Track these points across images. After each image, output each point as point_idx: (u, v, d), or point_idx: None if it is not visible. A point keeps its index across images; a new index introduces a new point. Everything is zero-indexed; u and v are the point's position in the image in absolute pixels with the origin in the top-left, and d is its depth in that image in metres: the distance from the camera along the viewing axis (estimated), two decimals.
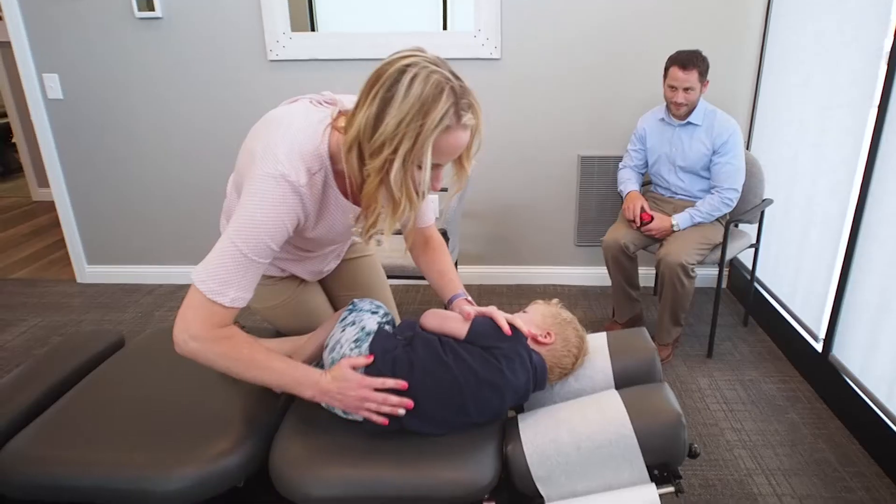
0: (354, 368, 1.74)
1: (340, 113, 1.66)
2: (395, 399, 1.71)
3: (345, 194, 1.74)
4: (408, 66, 1.45)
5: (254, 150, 1.60)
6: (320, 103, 1.73)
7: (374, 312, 1.93)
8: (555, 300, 2.01)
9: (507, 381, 1.76)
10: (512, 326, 1.85)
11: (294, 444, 1.81)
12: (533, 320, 1.93)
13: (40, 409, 2.01)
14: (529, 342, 1.86)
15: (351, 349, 1.81)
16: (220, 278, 1.56)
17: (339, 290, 2.29)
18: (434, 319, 1.89)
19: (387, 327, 1.91)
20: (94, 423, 1.89)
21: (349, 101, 1.65)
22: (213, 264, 1.57)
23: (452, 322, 1.87)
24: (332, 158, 1.64)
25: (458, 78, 1.50)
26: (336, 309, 2.25)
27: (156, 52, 4.11)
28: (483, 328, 1.83)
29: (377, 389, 1.71)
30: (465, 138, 1.53)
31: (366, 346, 1.81)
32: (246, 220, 1.54)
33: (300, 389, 1.73)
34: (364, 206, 1.60)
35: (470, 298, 2.00)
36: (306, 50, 4.04)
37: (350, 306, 1.95)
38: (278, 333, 2.24)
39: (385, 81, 1.46)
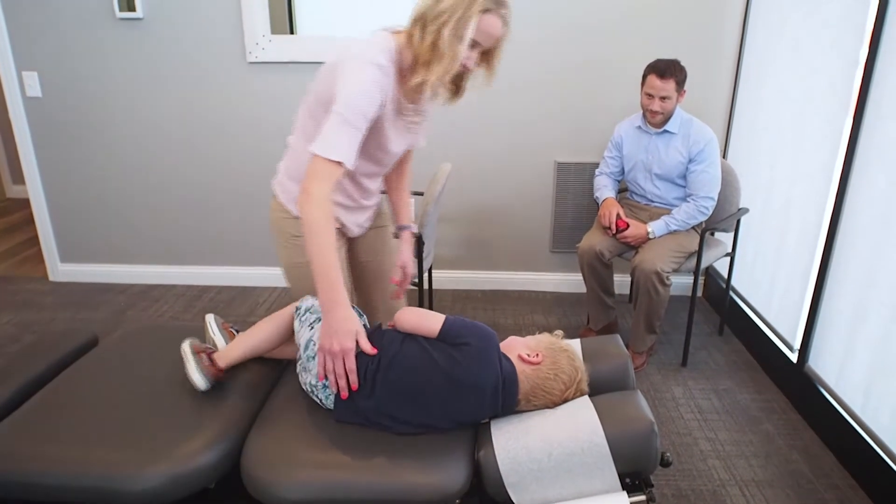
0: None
1: (395, 31, 2.03)
2: (343, 382, 1.85)
3: (407, 98, 2.09)
4: None
5: (340, 60, 1.94)
6: None
7: None
8: (558, 331, 2.02)
9: (471, 375, 1.80)
10: (484, 330, 1.90)
11: (266, 445, 1.83)
12: (527, 343, 1.94)
13: (13, 407, 2.02)
14: (517, 361, 1.87)
15: None
16: (328, 141, 1.85)
17: (368, 255, 2.52)
18: (409, 320, 1.95)
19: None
20: (66, 422, 1.89)
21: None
22: (325, 133, 1.86)
23: (426, 323, 1.92)
24: (399, 55, 1.98)
25: None
26: (354, 279, 2.52)
27: (136, 53, 4.08)
28: (454, 325, 1.90)
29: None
30: (497, 27, 1.91)
31: None
32: (346, 93, 1.85)
33: (323, 284, 1.85)
34: (419, 68, 1.92)
35: (414, 229, 2.55)
36: (285, 52, 4.01)
37: (297, 311, 2.07)
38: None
39: None
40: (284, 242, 2.24)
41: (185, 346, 2.07)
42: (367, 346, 1.85)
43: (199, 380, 2.00)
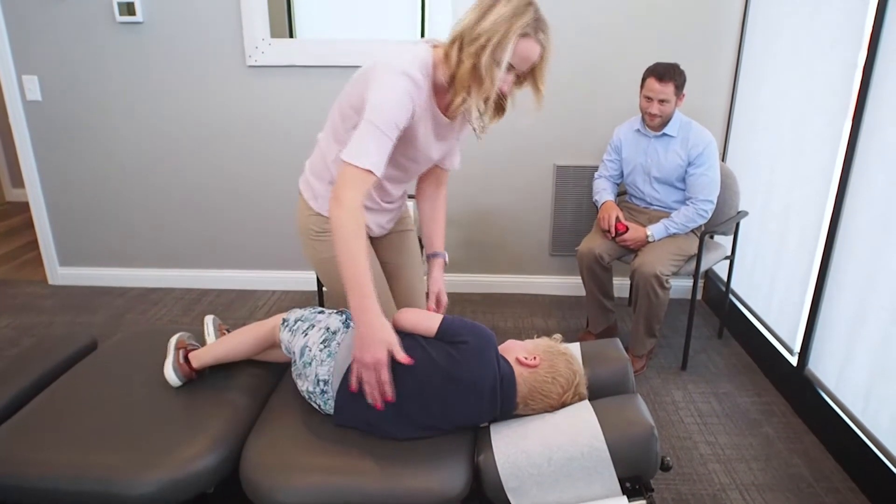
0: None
1: (435, 44, 2.04)
2: (378, 393, 1.80)
3: (443, 112, 2.08)
4: None
5: (373, 66, 1.95)
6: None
7: (321, 312, 2.06)
8: (557, 335, 2.03)
9: (469, 373, 1.80)
10: (482, 329, 1.92)
11: (265, 450, 1.83)
12: (525, 346, 1.95)
13: (12, 411, 2.02)
14: (514, 363, 1.87)
15: (320, 350, 1.91)
16: (359, 149, 1.85)
17: (389, 256, 2.52)
18: (408, 319, 1.96)
19: (352, 322, 2.01)
20: (65, 426, 1.89)
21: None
22: (355, 141, 1.86)
23: (424, 322, 1.94)
24: (434, 69, 1.99)
25: (540, 12, 1.92)
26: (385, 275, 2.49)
27: (136, 57, 4.08)
28: (452, 324, 1.92)
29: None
30: (535, 51, 1.91)
31: (334, 344, 1.92)
32: (377, 101, 1.87)
33: (354, 294, 1.81)
34: (459, 89, 1.93)
35: (446, 257, 2.49)
36: (285, 56, 4.02)
37: (284, 324, 2.06)
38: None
39: None
40: (307, 239, 2.26)
41: (172, 340, 2.15)
42: (402, 357, 1.80)
43: (171, 376, 2.07)
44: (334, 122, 2.12)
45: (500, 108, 2.09)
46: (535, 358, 1.88)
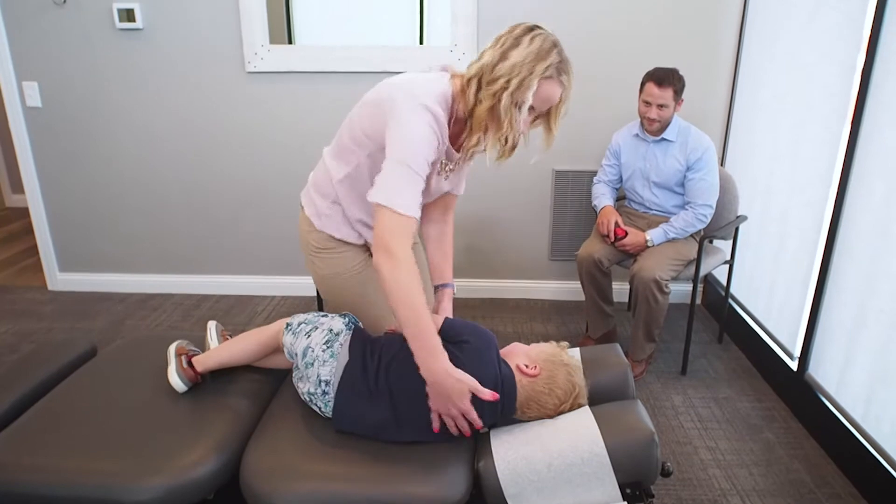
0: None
1: (453, 73, 1.98)
2: (463, 424, 1.78)
3: (451, 143, 2.02)
4: (532, 27, 1.86)
5: (391, 97, 1.87)
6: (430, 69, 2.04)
7: (324, 315, 2.06)
8: (564, 342, 2.01)
9: (470, 373, 1.77)
10: (484, 330, 1.93)
11: (265, 456, 1.82)
12: (528, 353, 1.94)
13: (11, 418, 2.01)
14: (515, 371, 1.87)
15: (323, 350, 1.91)
16: (395, 192, 1.78)
17: None
18: None
19: (356, 325, 2.04)
20: (64, 432, 1.89)
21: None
22: (385, 183, 1.80)
23: None
24: (453, 103, 1.93)
25: (564, 52, 1.89)
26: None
27: (135, 63, 4.09)
28: (454, 324, 1.94)
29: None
30: (557, 93, 1.88)
31: (336, 345, 1.92)
32: (403, 140, 1.81)
33: (421, 352, 1.76)
34: (475, 128, 1.90)
35: (455, 288, 2.35)
36: (284, 62, 4.02)
37: (287, 327, 2.05)
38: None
39: (512, 34, 1.86)
40: (309, 255, 2.23)
41: (171, 348, 2.14)
42: (486, 395, 1.75)
43: (176, 382, 2.06)
44: (342, 143, 2.06)
45: (512, 145, 2.02)
46: (535, 367, 1.87)
